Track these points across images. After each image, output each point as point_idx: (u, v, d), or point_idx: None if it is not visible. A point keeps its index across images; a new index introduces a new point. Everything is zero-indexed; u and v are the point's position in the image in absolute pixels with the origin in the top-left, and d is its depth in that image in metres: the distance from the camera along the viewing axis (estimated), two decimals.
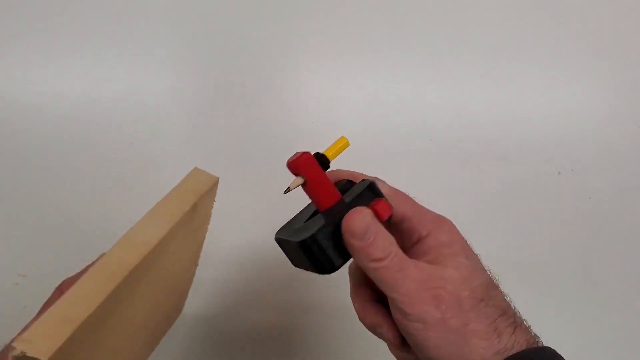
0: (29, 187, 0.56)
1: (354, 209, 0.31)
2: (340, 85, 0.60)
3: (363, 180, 0.34)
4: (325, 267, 0.31)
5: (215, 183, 0.36)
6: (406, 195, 0.34)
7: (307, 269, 0.33)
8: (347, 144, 0.33)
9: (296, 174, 0.32)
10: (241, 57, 0.61)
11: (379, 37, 0.62)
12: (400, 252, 0.31)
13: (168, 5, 0.62)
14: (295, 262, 0.34)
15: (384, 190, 0.33)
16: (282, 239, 0.33)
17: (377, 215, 0.31)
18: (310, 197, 0.33)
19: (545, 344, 0.31)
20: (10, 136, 0.57)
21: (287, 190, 0.32)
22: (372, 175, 0.35)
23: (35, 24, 0.60)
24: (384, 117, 0.59)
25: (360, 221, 0.30)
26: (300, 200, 0.35)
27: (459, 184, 0.58)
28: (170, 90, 0.59)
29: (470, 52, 0.62)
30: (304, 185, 0.32)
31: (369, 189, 0.33)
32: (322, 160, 0.33)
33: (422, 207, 0.34)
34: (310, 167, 0.32)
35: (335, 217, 0.31)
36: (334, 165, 0.34)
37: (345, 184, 0.35)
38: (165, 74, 0.60)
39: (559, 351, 0.30)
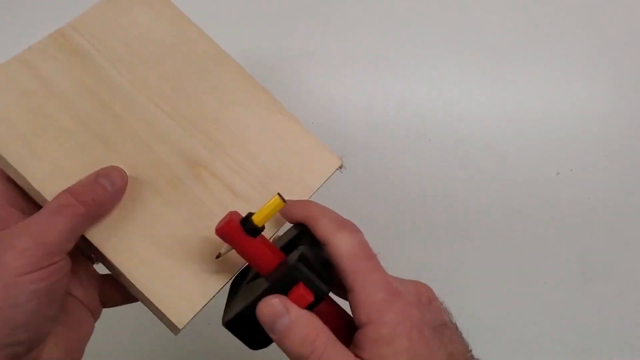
0: None
1: (265, 298, 0.26)
2: (340, 86, 0.60)
3: (296, 250, 0.29)
4: (255, 344, 0.28)
5: None
6: (368, 255, 0.28)
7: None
8: (280, 205, 0.28)
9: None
10: (242, 58, 0.61)
11: (378, 37, 0.62)
12: (332, 344, 0.26)
13: None
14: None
15: (340, 243, 0.28)
16: (230, 319, 0.28)
17: (297, 302, 0.26)
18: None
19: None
20: None
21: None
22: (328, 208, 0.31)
23: (35, 23, 0.60)
24: (383, 118, 0.60)
25: (267, 310, 0.26)
26: None
27: (458, 184, 0.58)
28: None
29: (469, 51, 0.62)
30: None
31: (299, 260, 0.27)
32: (248, 228, 0.27)
33: (379, 279, 0.27)
34: (235, 236, 0.27)
35: (278, 282, 0.27)
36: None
37: (301, 229, 0.30)
38: None
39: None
